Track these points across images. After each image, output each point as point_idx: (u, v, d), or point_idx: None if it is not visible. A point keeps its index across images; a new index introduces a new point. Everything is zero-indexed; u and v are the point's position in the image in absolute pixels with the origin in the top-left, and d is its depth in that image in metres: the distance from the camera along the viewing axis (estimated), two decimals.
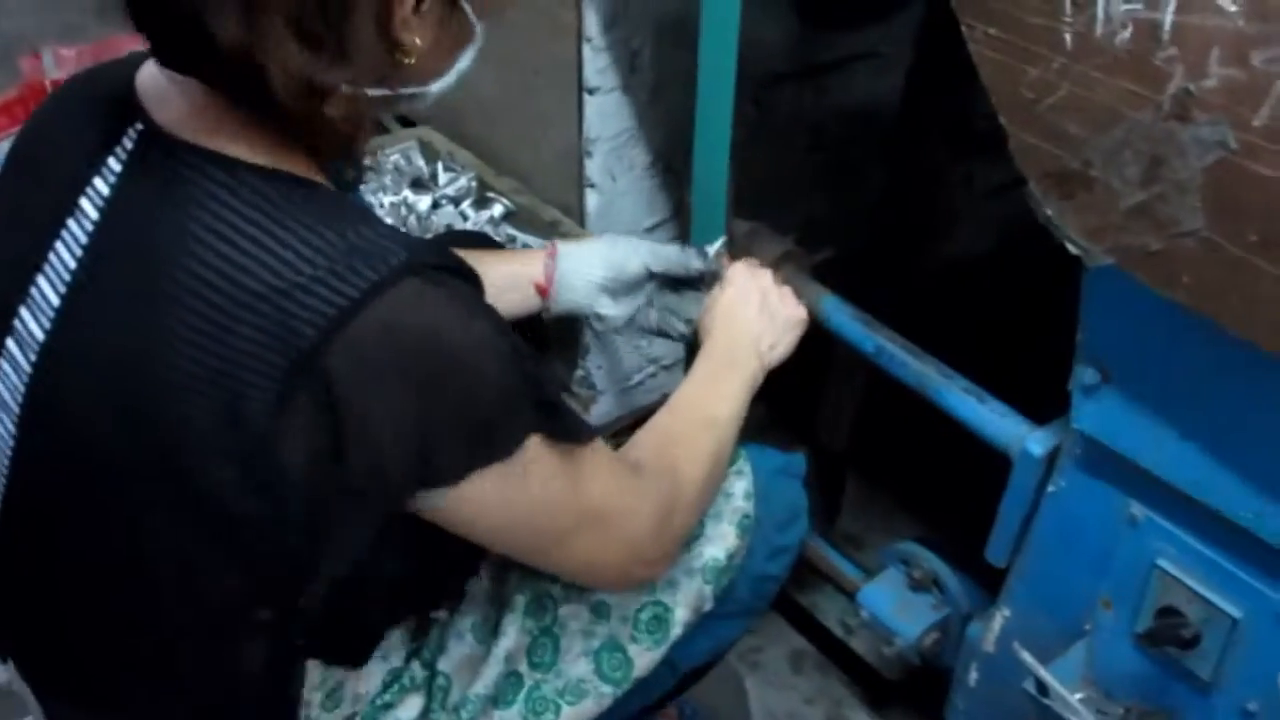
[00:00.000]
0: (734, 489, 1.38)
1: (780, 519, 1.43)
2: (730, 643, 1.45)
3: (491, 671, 1.25)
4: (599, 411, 2.21)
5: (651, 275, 1.51)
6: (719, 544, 1.34)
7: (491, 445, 0.99)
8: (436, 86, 1.07)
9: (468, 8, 1.04)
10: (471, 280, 1.01)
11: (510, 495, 1.03)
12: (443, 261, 0.98)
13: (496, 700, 1.25)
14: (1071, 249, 1.12)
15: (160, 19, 0.93)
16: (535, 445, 1.02)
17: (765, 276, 1.48)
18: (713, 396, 1.34)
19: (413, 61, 1.01)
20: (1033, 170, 1.11)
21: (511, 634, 1.27)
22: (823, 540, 1.78)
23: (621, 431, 2.24)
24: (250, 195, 0.94)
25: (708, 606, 1.34)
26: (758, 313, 1.43)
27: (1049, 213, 1.11)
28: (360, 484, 0.95)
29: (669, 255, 1.51)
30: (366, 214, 0.98)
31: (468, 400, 0.96)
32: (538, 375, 1.02)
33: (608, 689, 1.28)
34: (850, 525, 2.00)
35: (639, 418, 2.25)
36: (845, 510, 2.01)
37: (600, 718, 1.29)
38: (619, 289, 1.50)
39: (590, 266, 1.50)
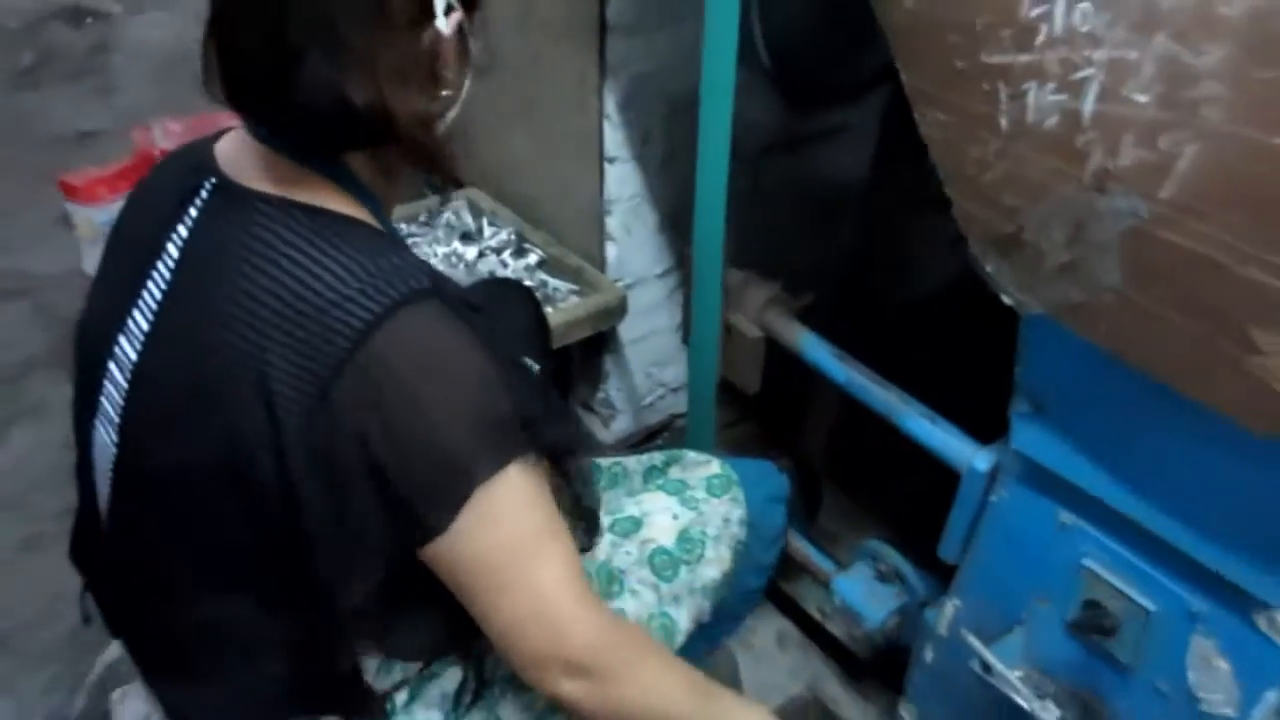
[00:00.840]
0: (731, 516, 1.36)
1: (765, 540, 1.42)
2: (720, 643, 1.43)
3: None
4: (617, 428, 2.21)
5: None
6: (716, 566, 1.32)
7: (510, 438, 0.94)
8: (452, 115, 1.06)
9: (471, 41, 1.03)
10: (478, 310, 0.99)
11: (494, 521, 0.95)
12: (459, 293, 0.98)
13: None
14: (1007, 300, 1.12)
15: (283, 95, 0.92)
16: (515, 471, 0.95)
17: None
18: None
19: (451, 92, 1.02)
20: (975, 233, 1.10)
21: None
22: (804, 537, 1.77)
23: (637, 445, 2.24)
24: (298, 226, 0.95)
25: (706, 619, 1.33)
26: None
27: (988, 269, 1.11)
28: (380, 488, 0.93)
29: None
30: (400, 246, 0.98)
31: (475, 404, 0.93)
32: (532, 393, 0.98)
33: None
34: (827, 524, 1.99)
35: (651, 431, 2.26)
36: (823, 512, 2.00)
37: None
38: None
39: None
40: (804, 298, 1.70)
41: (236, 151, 1.02)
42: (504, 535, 0.95)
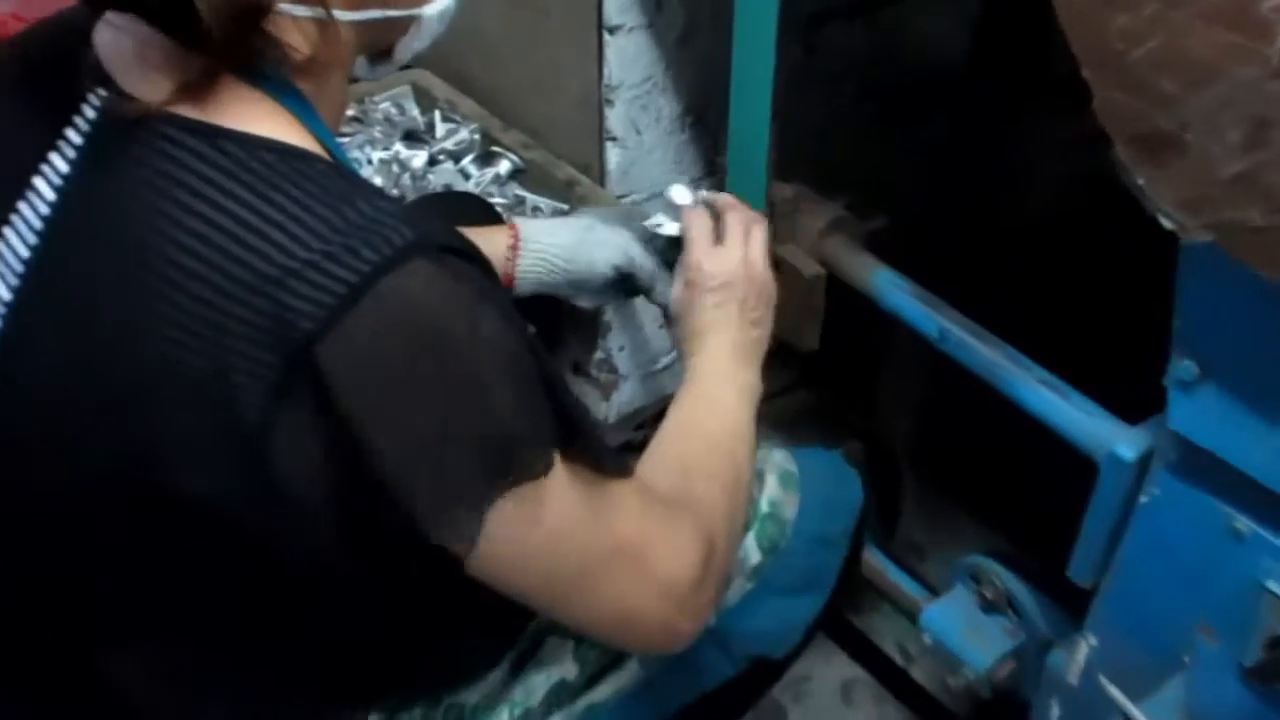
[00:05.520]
0: (769, 453, 1.43)
1: (829, 477, 1.47)
2: (797, 627, 1.46)
3: None
4: (621, 399, 2.21)
5: (622, 276, 1.52)
6: (757, 489, 1.38)
7: (511, 457, 0.99)
8: (433, 7, 1.06)
9: None
10: (483, 264, 1.01)
11: (529, 524, 1.02)
12: (453, 243, 0.98)
13: None
14: (1164, 222, 1.11)
15: None
16: (557, 466, 1.02)
17: (735, 224, 1.48)
18: (717, 411, 1.35)
19: None
20: (1120, 131, 1.09)
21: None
22: (879, 552, 1.78)
23: (646, 422, 2.24)
24: (235, 169, 0.94)
25: (754, 559, 1.37)
26: (735, 289, 1.43)
27: (1138, 181, 1.10)
28: (361, 495, 0.95)
29: (650, 270, 1.52)
30: (369, 188, 0.98)
31: (483, 403, 0.96)
32: (559, 382, 1.02)
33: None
34: (911, 535, 2.00)
35: (661, 408, 2.26)
36: (905, 517, 2.01)
37: (651, 697, 1.34)
38: (585, 291, 1.53)
39: (553, 266, 1.51)
40: (876, 220, 1.70)
41: (128, 47, 1.00)
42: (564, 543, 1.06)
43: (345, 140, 2.17)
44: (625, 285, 1.54)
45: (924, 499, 2.03)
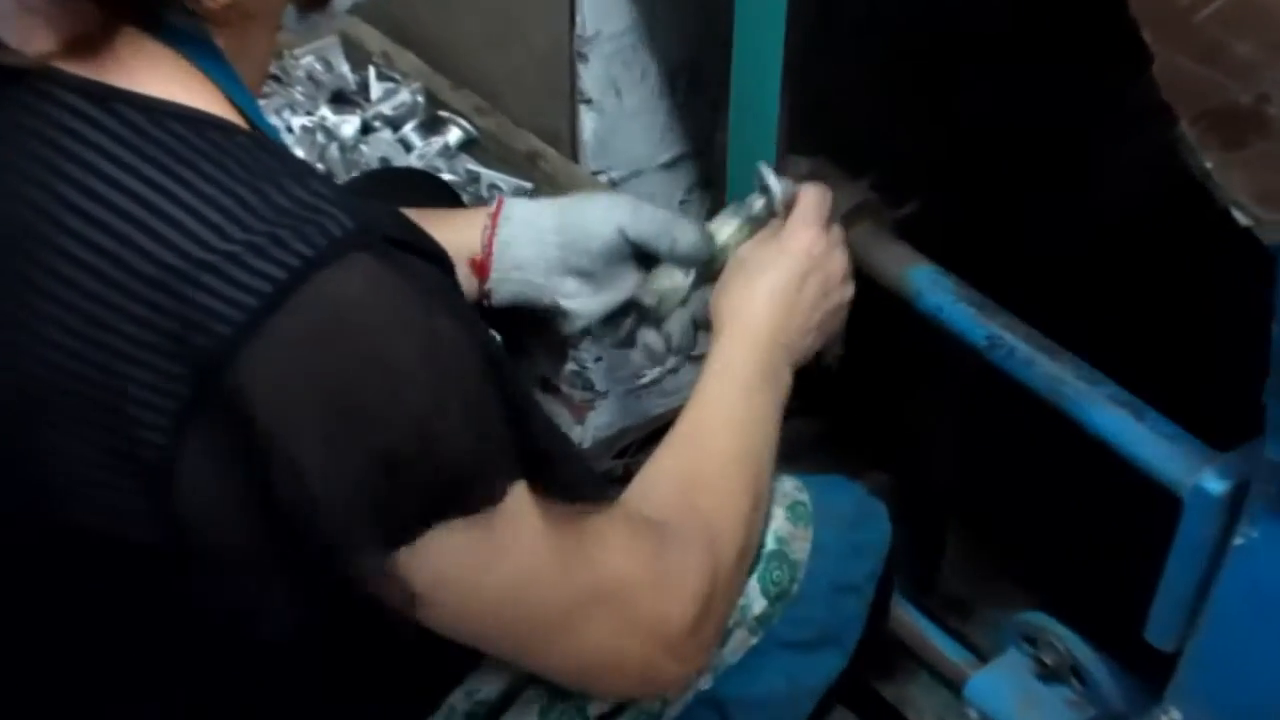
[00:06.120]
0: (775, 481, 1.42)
1: (849, 511, 1.48)
2: (811, 693, 1.46)
3: None
4: (599, 420, 2.23)
5: (635, 247, 1.48)
6: (765, 524, 1.38)
7: (459, 495, 0.99)
8: None
9: None
10: (440, 262, 1.01)
11: (485, 564, 1.03)
12: (404, 235, 0.98)
13: None
14: (1240, 217, 1.10)
15: None
16: (520, 498, 1.03)
17: (815, 231, 1.47)
18: (741, 420, 1.35)
19: None
20: (1187, 105, 1.09)
21: None
22: (913, 607, 1.78)
23: (629, 449, 2.24)
24: (135, 139, 0.94)
25: (758, 608, 1.37)
26: (808, 292, 1.43)
27: (1207, 165, 1.10)
28: (285, 537, 0.95)
29: (662, 220, 1.48)
30: (299, 166, 0.99)
31: (428, 431, 0.96)
32: (526, 403, 1.03)
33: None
34: (953, 587, 2.00)
35: (654, 430, 2.26)
36: (945, 565, 2.02)
37: None
38: (587, 268, 1.48)
39: (541, 233, 1.48)
40: (910, 204, 1.70)
41: None
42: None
43: (262, 103, 2.17)
44: (637, 255, 1.49)
45: (968, 542, 2.03)
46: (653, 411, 2.27)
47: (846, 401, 1.62)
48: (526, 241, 1.47)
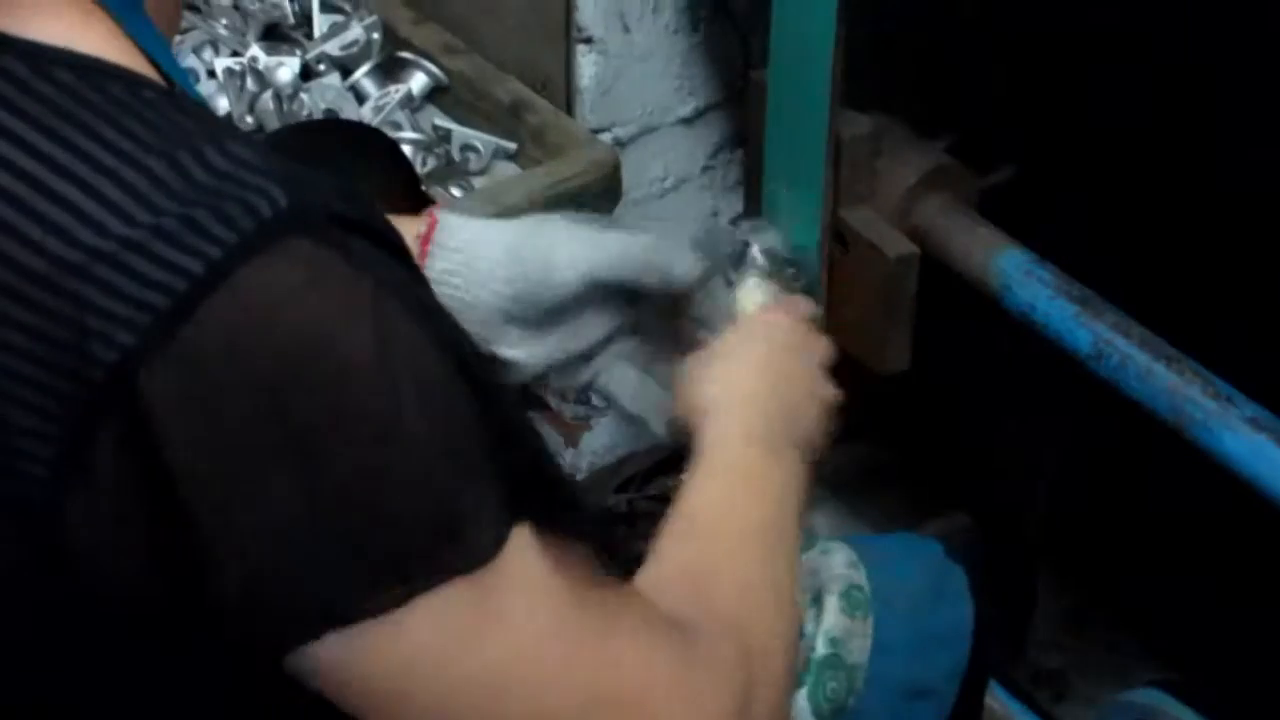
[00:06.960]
0: (824, 554, 1.44)
1: (920, 588, 1.49)
2: None
3: None
4: (595, 443, 2.24)
5: (615, 287, 1.46)
6: (809, 619, 1.39)
7: (430, 549, 0.97)
8: None
9: None
10: (394, 244, 1.01)
11: (466, 644, 1.00)
12: (351, 212, 0.98)
13: None
14: None
15: None
16: (518, 552, 1.00)
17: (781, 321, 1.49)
18: (755, 496, 1.35)
19: None
20: None
21: None
22: (1003, 684, 1.79)
23: (633, 481, 2.25)
24: (16, 96, 0.95)
25: None
26: (799, 363, 1.45)
27: None
28: (199, 608, 0.95)
29: (643, 252, 1.46)
30: (224, 128, 0.99)
31: (383, 465, 0.95)
32: (517, 426, 1.02)
33: None
34: (1047, 659, 2.01)
35: (666, 456, 2.26)
36: (1038, 633, 2.03)
37: None
38: (535, 321, 1.45)
39: (484, 277, 1.45)
40: (998, 172, 1.73)
41: None
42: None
43: (176, 42, 2.17)
44: (620, 294, 1.47)
45: (1065, 600, 2.04)
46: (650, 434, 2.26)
47: (916, 424, 1.62)
48: (465, 282, 1.45)
